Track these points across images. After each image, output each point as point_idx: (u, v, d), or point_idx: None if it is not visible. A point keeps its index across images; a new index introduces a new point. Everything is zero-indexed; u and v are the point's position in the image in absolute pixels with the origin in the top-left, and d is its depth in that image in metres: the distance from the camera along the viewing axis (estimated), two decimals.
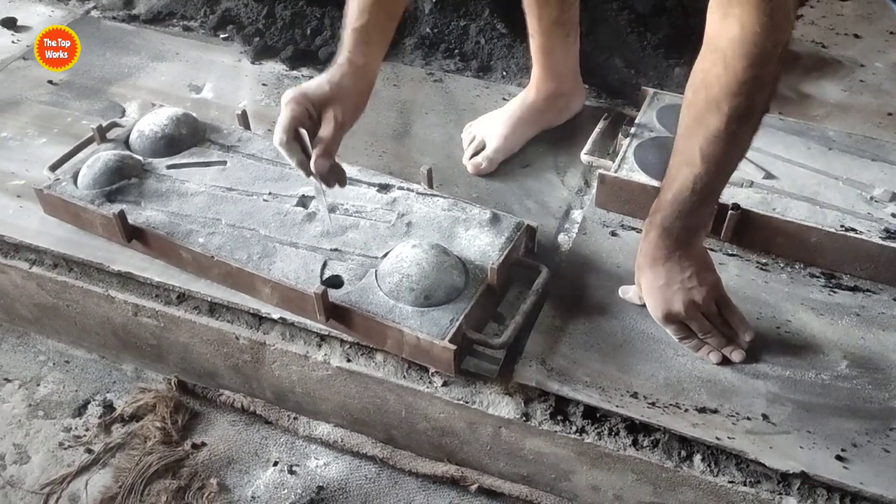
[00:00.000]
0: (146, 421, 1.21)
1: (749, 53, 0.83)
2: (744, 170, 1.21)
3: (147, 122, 1.27)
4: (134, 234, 1.15)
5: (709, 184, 0.92)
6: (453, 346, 0.97)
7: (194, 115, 1.32)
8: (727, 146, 0.89)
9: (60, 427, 1.22)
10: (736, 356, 1.01)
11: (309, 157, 0.98)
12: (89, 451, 1.19)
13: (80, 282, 1.19)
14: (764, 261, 1.16)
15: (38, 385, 1.28)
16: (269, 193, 1.19)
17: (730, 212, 1.13)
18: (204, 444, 1.18)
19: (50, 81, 1.54)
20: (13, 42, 1.67)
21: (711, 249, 1.17)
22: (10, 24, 1.70)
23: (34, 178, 1.29)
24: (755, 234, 1.15)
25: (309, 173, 0.99)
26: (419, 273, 1.02)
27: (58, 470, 1.16)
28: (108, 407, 1.25)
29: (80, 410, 1.25)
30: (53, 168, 1.24)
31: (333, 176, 0.99)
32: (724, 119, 0.87)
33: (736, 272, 1.14)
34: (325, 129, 0.98)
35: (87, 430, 1.22)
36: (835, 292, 1.11)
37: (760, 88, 0.86)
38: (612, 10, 1.62)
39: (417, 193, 1.18)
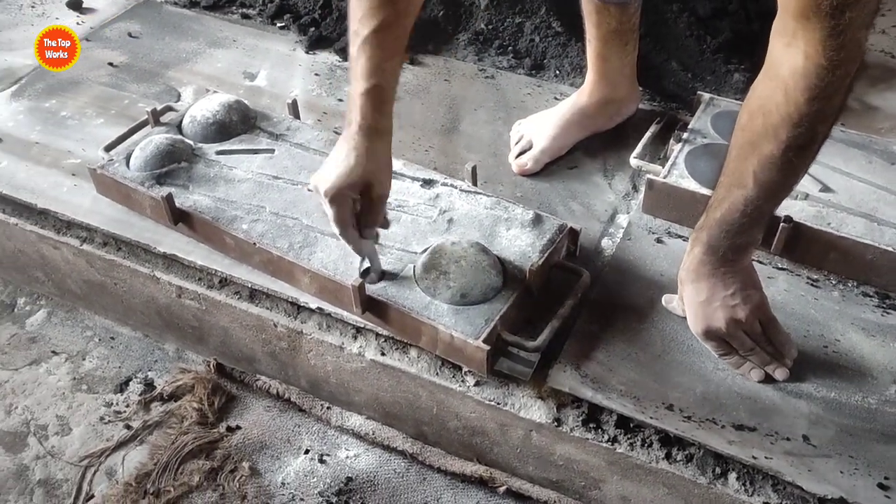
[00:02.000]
0: (184, 401, 1.23)
1: (813, 86, 0.78)
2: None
3: (199, 108, 1.29)
4: (180, 218, 1.17)
5: (760, 207, 0.89)
6: (487, 347, 0.96)
7: (246, 102, 1.34)
8: (782, 173, 0.85)
9: (102, 402, 1.25)
10: (779, 374, 0.98)
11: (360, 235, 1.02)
12: (128, 427, 1.21)
13: (128, 261, 1.22)
14: (815, 277, 1.12)
15: (84, 359, 1.32)
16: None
17: (782, 224, 1.10)
18: (238, 428, 1.19)
19: (110, 63, 1.58)
20: (78, 24, 1.71)
21: (760, 262, 1.13)
22: (77, 6, 1.75)
23: (89, 157, 1.32)
24: (807, 249, 1.12)
25: (363, 254, 1.04)
26: (457, 271, 1.01)
27: (97, 443, 1.19)
28: (149, 385, 1.27)
29: (122, 387, 1.27)
30: (108, 149, 1.27)
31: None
32: (781, 147, 0.83)
33: (785, 287, 1.10)
34: (372, 213, 1.00)
35: (127, 406, 1.24)
36: (888, 313, 1.07)
37: (824, 120, 0.82)
38: (672, 12, 1.58)
39: (461, 190, 1.17)
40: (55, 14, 1.74)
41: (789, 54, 0.79)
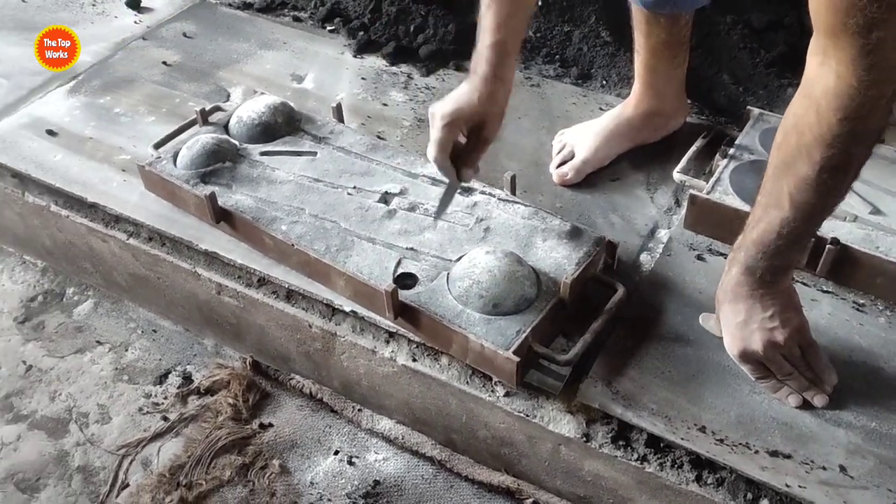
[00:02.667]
0: (220, 396, 1.25)
1: (844, 107, 0.76)
2: (849, 202, 1.14)
3: (246, 109, 1.31)
4: (222, 216, 1.19)
5: (796, 229, 0.86)
6: (516, 358, 0.95)
7: (291, 104, 1.36)
8: (818, 194, 0.83)
9: (142, 393, 1.28)
10: (818, 401, 0.95)
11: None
12: (165, 418, 1.24)
13: (171, 257, 1.24)
14: (861, 301, 1.09)
15: (127, 350, 1.35)
16: (354, 187, 1.20)
17: (828, 246, 1.07)
18: (271, 425, 1.21)
19: (164, 62, 1.62)
20: (136, 23, 1.75)
21: (805, 284, 1.10)
22: (135, 5, 1.79)
23: (139, 153, 1.35)
24: (854, 273, 1.08)
25: (456, 185, 1.10)
26: (490, 280, 1.01)
27: (134, 433, 1.22)
28: (187, 378, 1.30)
29: (162, 379, 1.30)
30: (157, 146, 1.30)
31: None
32: (815, 168, 0.81)
33: (829, 311, 1.07)
34: (477, 150, 1.06)
35: (165, 398, 1.27)
36: None
37: (858, 142, 0.79)
38: (725, 23, 1.56)
39: (499, 199, 1.17)
40: (114, 12, 1.79)
41: (822, 73, 0.78)
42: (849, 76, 0.75)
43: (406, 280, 1.06)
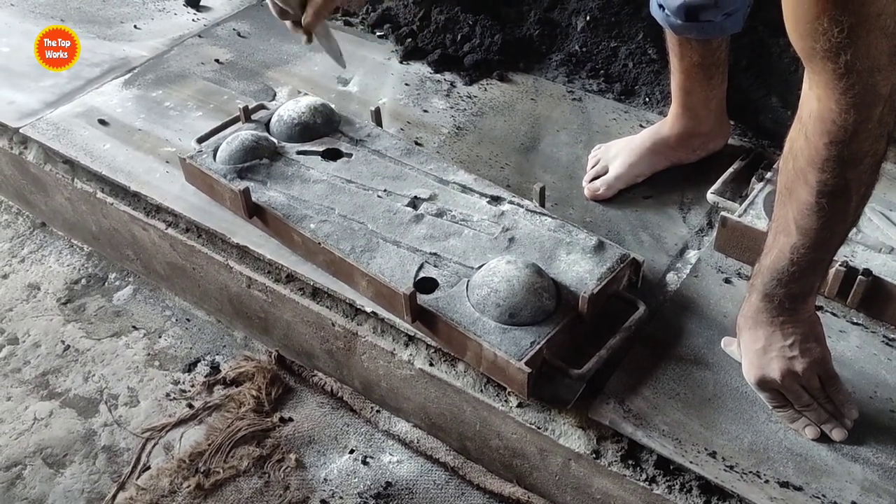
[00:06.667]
0: (244, 388, 1.28)
1: (828, 131, 0.76)
2: (886, 233, 1.11)
3: (287, 109, 1.34)
4: (255, 211, 1.21)
5: (807, 255, 0.85)
6: (528, 369, 0.95)
7: (332, 106, 1.38)
8: (820, 219, 0.82)
9: (170, 379, 1.32)
10: (836, 434, 0.92)
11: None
12: (190, 405, 1.27)
13: (206, 248, 1.28)
14: (892, 336, 1.05)
15: (160, 337, 1.39)
16: (385, 190, 1.22)
17: (860, 277, 1.04)
18: (291, 420, 1.23)
19: (217, 60, 1.66)
20: (193, 20, 1.81)
21: (834, 314, 1.08)
22: (194, 3, 1.85)
23: (184, 147, 1.39)
24: (887, 306, 1.05)
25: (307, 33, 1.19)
26: (507, 290, 1.01)
27: (160, 418, 1.26)
28: (215, 368, 1.33)
29: (191, 367, 1.34)
30: (200, 140, 1.34)
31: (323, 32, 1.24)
32: (812, 192, 0.81)
33: (857, 343, 1.04)
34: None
35: (192, 386, 1.30)
36: None
37: (850, 166, 0.78)
38: (779, 45, 1.52)
39: (527, 210, 1.17)
40: (174, 9, 1.85)
41: (809, 97, 0.78)
42: (828, 99, 0.75)
43: (427, 284, 1.07)
